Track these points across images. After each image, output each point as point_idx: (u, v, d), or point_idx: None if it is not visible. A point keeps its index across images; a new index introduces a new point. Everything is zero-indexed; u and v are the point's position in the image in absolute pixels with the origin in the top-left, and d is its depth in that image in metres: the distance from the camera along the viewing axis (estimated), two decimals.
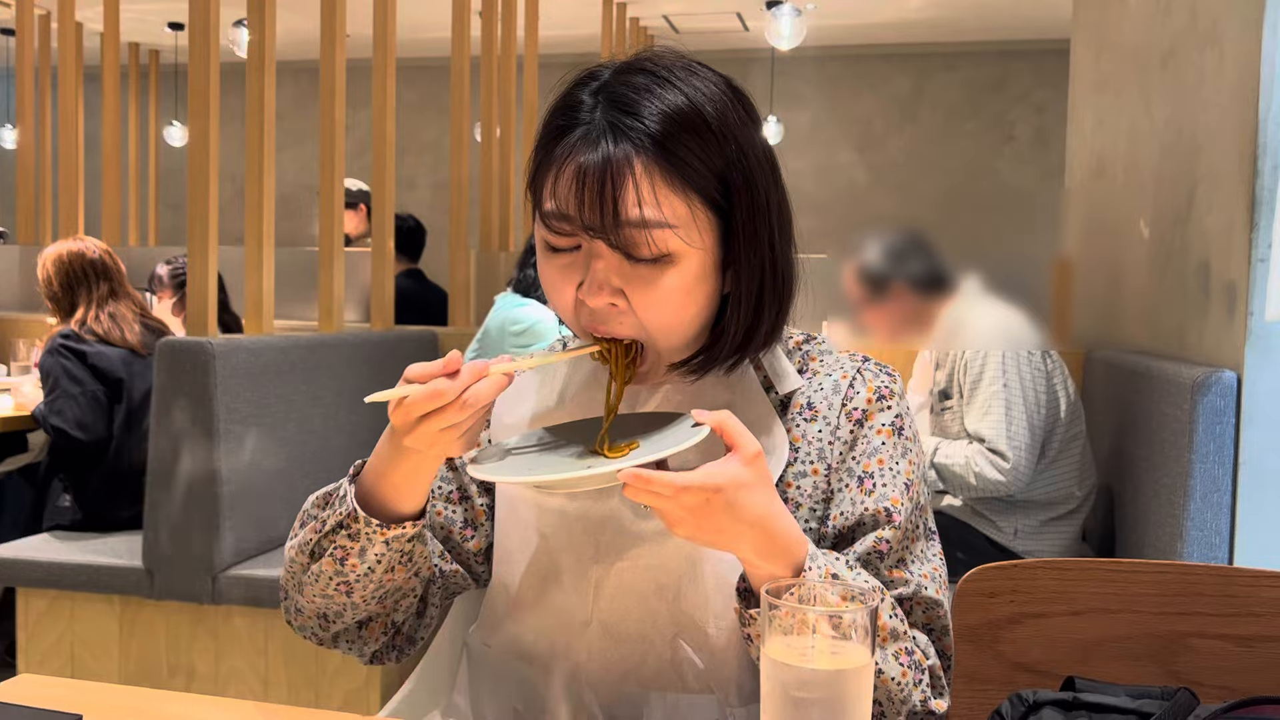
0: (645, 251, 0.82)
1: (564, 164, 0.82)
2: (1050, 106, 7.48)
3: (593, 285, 0.83)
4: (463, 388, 0.77)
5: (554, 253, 0.86)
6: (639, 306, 0.83)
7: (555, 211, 0.83)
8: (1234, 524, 1.77)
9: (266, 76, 2.60)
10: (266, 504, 2.39)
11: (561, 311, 0.88)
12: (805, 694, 0.67)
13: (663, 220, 0.81)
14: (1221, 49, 1.97)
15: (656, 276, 0.83)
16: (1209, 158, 2.03)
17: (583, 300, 0.84)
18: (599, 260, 0.83)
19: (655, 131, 0.81)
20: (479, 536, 1.00)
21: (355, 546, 0.87)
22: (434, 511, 1.00)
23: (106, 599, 2.34)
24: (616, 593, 0.91)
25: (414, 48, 6.33)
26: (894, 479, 0.90)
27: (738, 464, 0.76)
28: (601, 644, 0.91)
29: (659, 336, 0.86)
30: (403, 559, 0.90)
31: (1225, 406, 1.76)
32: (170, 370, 2.23)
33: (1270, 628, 0.99)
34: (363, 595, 0.91)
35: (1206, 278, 2.00)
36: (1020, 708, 0.93)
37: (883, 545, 0.88)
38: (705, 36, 7.72)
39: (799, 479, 0.90)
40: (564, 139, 0.84)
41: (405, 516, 0.88)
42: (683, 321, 0.86)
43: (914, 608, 0.90)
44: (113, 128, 4.46)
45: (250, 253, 2.59)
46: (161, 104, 7.58)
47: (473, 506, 1.00)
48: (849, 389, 0.92)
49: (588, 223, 0.81)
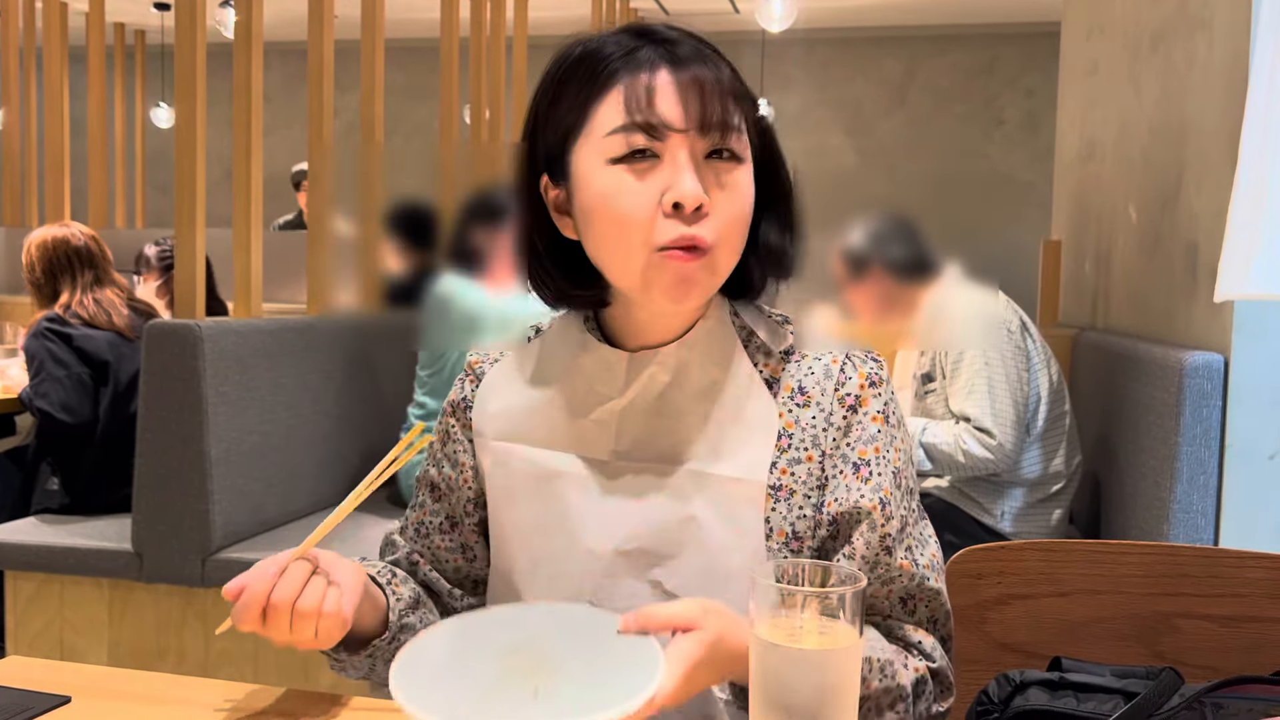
0: (728, 148, 0.86)
1: (653, 72, 0.85)
2: (1040, 90, 7.48)
3: (688, 185, 0.83)
4: (262, 597, 0.82)
5: (625, 164, 0.85)
6: (720, 208, 0.85)
7: (648, 121, 0.84)
8: (1220, 506, 1.79)
9: (254, 57, 2.59)
10: (256, 487, 2.39)
11: (634, 230, 0.85)
12: (794, 674, 0.67)
13: (740, 125, 0.86)
14: (1211, 32, 1.97)
15: (732, 175, 0.86)
16: (1197, 141, 2.03)
17: (668, 206, 0.84)
18: (689, 163, 0.84)
19: (705, 44, 0.88)
20: (479, 559, 1.01)
21: (344, 665, 0.94)
22: (435, 546, 1.01)
23: (95, 582, 2.33)
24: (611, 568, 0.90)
25: (403, 29, 6.29)
26: (885, 468, 0.91)
27: (695, 638, 0.74)
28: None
29: (727, 243, 0.86)
30: (397, 644, 0.91)
31: (1212, 389, 1.77)
32: (158, 353, 2.22)
33: (1254, 608, 1.00)
34: (381, 676, 0.92)
35: (1194, 261, 2.00)
36: (1007, 688, 0.94)
37: (887, 541, 0.89)
38: (695, 18, 7.67)
39: (793, 466, 0.90)
40: (622, 61, 0.86)
41: (371, 634, 0.92)
42: (743, 233, 0.88)
43: (918, 605, 0.92)
44: (98, 109, 4.43)
45: (238, 235, 2.58)
46: (148, 85, 7.52)
47: (463, 530, 1.01)
48: (840, 374, 0.92)
49: (697, 120, 0.84)
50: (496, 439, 0.96)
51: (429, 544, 1.01)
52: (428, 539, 1.01)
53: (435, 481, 1.01)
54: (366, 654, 0.91)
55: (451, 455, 1.00)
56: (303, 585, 0.82)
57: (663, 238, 0.84)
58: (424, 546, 1.01)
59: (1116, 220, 2.68)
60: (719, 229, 0.85)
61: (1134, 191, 2.52)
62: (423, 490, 1.02)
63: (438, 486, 1.01)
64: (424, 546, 1.01)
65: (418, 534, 1.02)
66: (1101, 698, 0.90)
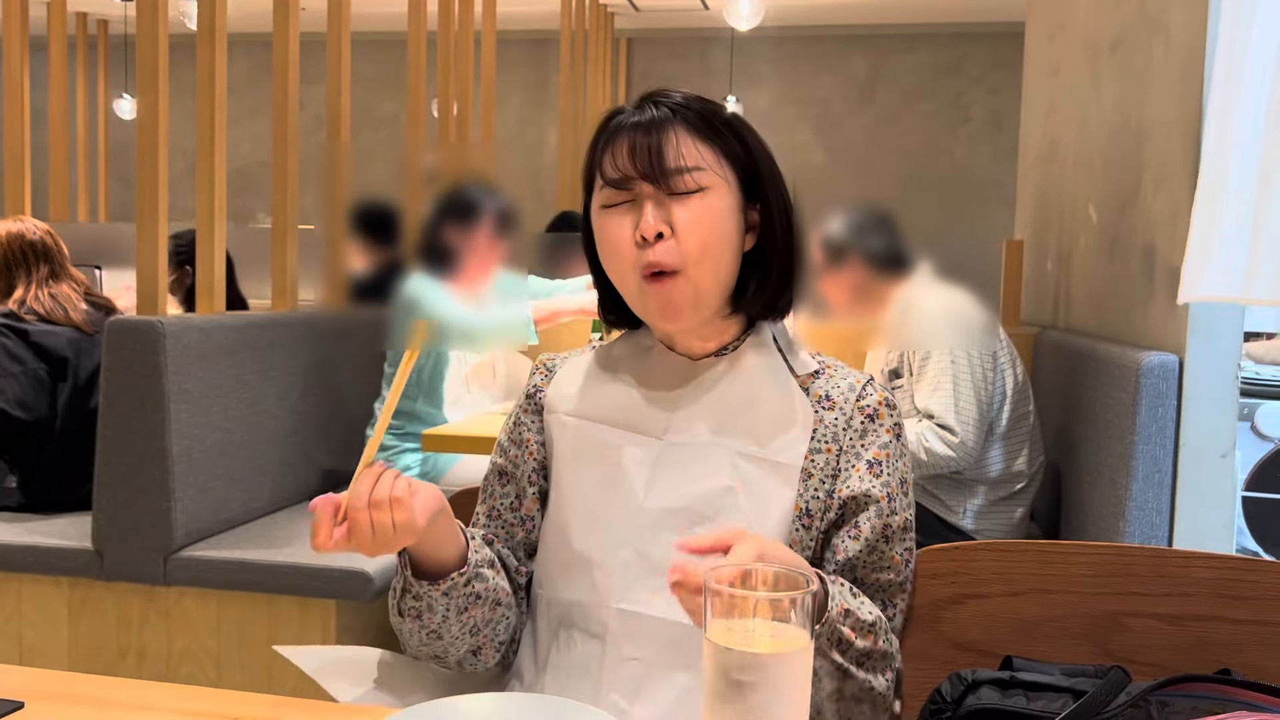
0: (683, 186, 1.01)
1: (619, 138, 1.03)
2: (1005, 89, 7.54)
3: (646, 219, 1.00)
4: (338, 499, 0.91)
5: (612, 209, 1.03)
6: (681, 232, 1.00)
7: (614, 175, 1.02)
8: (1174, 503, 1.82)
9: (218, 49, 2.56)
10: (219, 484, 2.37)
11: (622, 263, 1.02)
12: (746, 677, 0.68)
13: (696, 164, 1.01)
14: (1168, 36, 2.00)
15: (693, 203, 1.01)
16: (1155, 144, 2.06)
17: (638, 240, 1.00)
18: (649, 201, 1.01)
19: (684, 103, 1.04)
20: (538, 528, 1.12)
21: (421, 605, 1.00)
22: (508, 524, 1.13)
23: (55, 581, 2.31)
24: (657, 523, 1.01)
25: (370, 22, 6.24)
26: (894, 473, 1.04)
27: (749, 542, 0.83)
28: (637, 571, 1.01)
29: (697, 263, 1.01)
30: (472, 600, 1.01)
31: (1167, 389, 1.80)
32: (119, 349, 2.20)
33: (1200, 607, 1.02)
34: (453, 637, 1.02)
35: (1152, 262, 2.04)
36: (960, 686, 0.96)
37: (888, 531, 1.03)
38: (665, 15, 7.68)
39: (815, 455, 1.04)
40: (617, 121, 1.04)
41: (451, 566, 1.00)
42: (715, 251, 1.02)
43: (891, 601, 1.05)
44: (60, 100, 4.36)
45: (202, 229, 2.55)
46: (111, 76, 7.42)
47: (525, 502, 1.13)
48: (862, 390, 1.06)
49: (642, 171, 1.01)
50: (568, 414, 1.10)
51: (502, 523, 1.13)
52: (499, 519, 1.13)
53: (502, 468, 1.14)
54: (443, 590, 0.98)
55: (517, 438, 1.14)
56: (374, 481, 0.91)
57: (639, 266, 1.01)
58: (497, 527, 1.13)
59: (1077, 220, 2.71)
60: (685, 252, 1.00)
61: (1094, 192, 2.55)
62: (491, 482, 1.15)
63: (505, 471, 1.14)
64: (497, 527, 1.13)
65: (489, 519, 1.14)
66: (1051, 696, 0.92)
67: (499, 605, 1.04)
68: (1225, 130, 1.42)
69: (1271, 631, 1.00)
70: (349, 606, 2.23)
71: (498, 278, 1.96)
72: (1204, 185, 1.48)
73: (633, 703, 0.99)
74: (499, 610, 1.05)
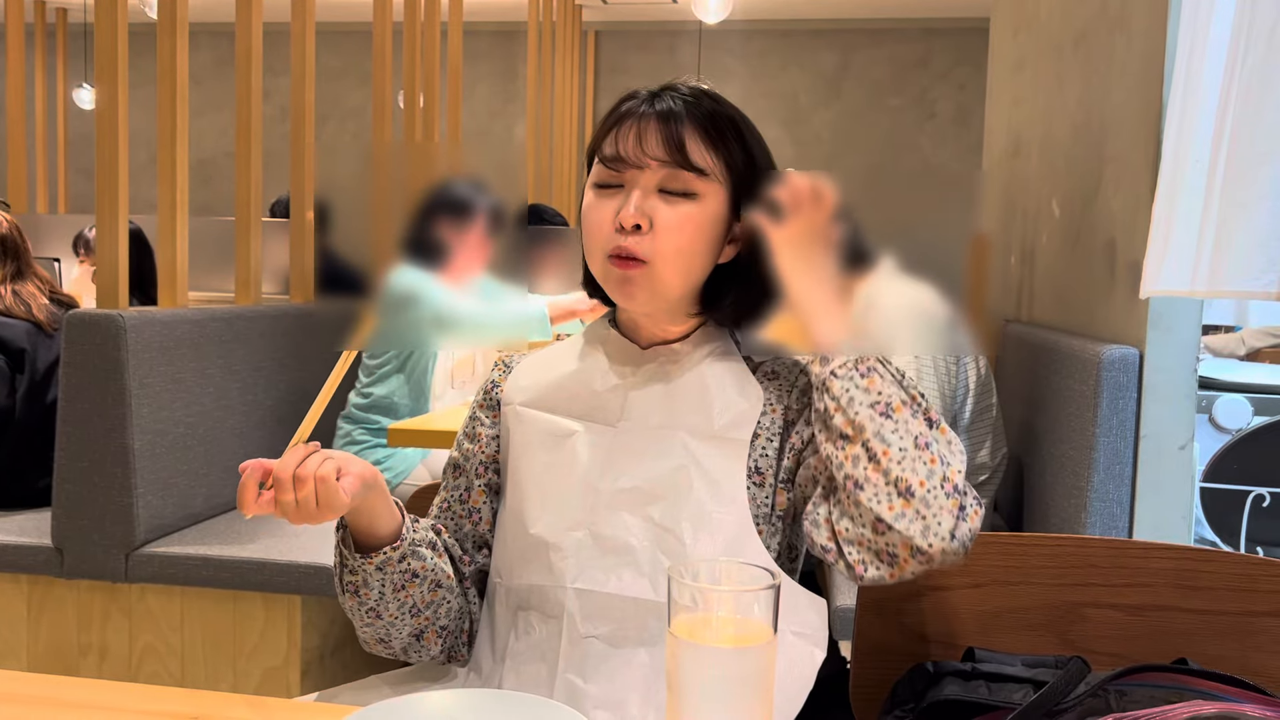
0: (676, 185, 1.02)
1: (626, 120, 1.04)
2: (971, 84, 7.61)
3: (629, 208, 1.01)
4: (266, 465, 0.94)
5: (602, 189, 1.05)
6: (660, 230, 1.02)
7: (614, 154, 1.03)
8: (1134, 495, 1.84)
9: (179, 38, 2.53)
10: (182, 480, 2.35)
11: (594, 240, 1.04)
12: (709, 670, 0.69)
13: (696, 165, 1.02)
14: (1130, 33, 2.02)
15: (680, 206, 1.02)
16: (1116, 140, 2.08)
17: (617, 224, 1.02)
18: (637, 190, 1.02)
19: (696, 102, 1.05)
20: (483, 520, 1.14)
21: (358, 579, 1.02)
22: (455, 515, 1.15)
23: (13, 578, 2.27)
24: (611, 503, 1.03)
25: (335, 12, 6.18)
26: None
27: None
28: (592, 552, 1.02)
29: (667, 261, 1.02)
30: (409, 578, 1.03)
31: (1127, 382, 1.82)
32: (79, 344, 2.17)
33: (1159, 597, 1.03)
34: (392, 616, 1.04)
35: (1112, 256, 2.06)
36: (922, 679, 0.96)
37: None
38: (634, 8, 7.67)
39: (760, 418, 1.06)
40: (627, 106, 1.05)
41: (386, 541, 1.02)
42: (689, 256, 1.03)
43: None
44: (17, 89, 4.29)
45: (163, 222, 2.52)
46: (71, 65, 7.31)
47: (473, 494, 1.15)
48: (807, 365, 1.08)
49: (650, 153, 1.01)
50: (523, 405, 1.12)
51: (451, 515, 1.15)
52: (449, 510, 1.15)
53: (456, 461, 1.16)
54: (377, 564, 1.01)
55: (471, 432, 1.16)
56: (303, 456, 0.94)
57: (609, 247, 1.03)
58: (447, 518, 1.15)
59: (1041, 215, 2.74)
60: (657, 248, 1.02)
61: (1057, 188, 2.57)
62: (446, 474, 1.17)
63: (459, 465, 1.16)
64: (447, 518, 1.15)
65: (441, 510, 1.16)
66: (1012, 687, 0.93)
67: (439, 587, 1.06)
68: (1184, 127, 1.43)
69: (1227, 621, 1.02)
70: (314, 602, 2.21)
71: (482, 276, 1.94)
72: (1164, 181, 1.50)
73: (590, 680, 0.99)
74: (439, 592, 1.06)
